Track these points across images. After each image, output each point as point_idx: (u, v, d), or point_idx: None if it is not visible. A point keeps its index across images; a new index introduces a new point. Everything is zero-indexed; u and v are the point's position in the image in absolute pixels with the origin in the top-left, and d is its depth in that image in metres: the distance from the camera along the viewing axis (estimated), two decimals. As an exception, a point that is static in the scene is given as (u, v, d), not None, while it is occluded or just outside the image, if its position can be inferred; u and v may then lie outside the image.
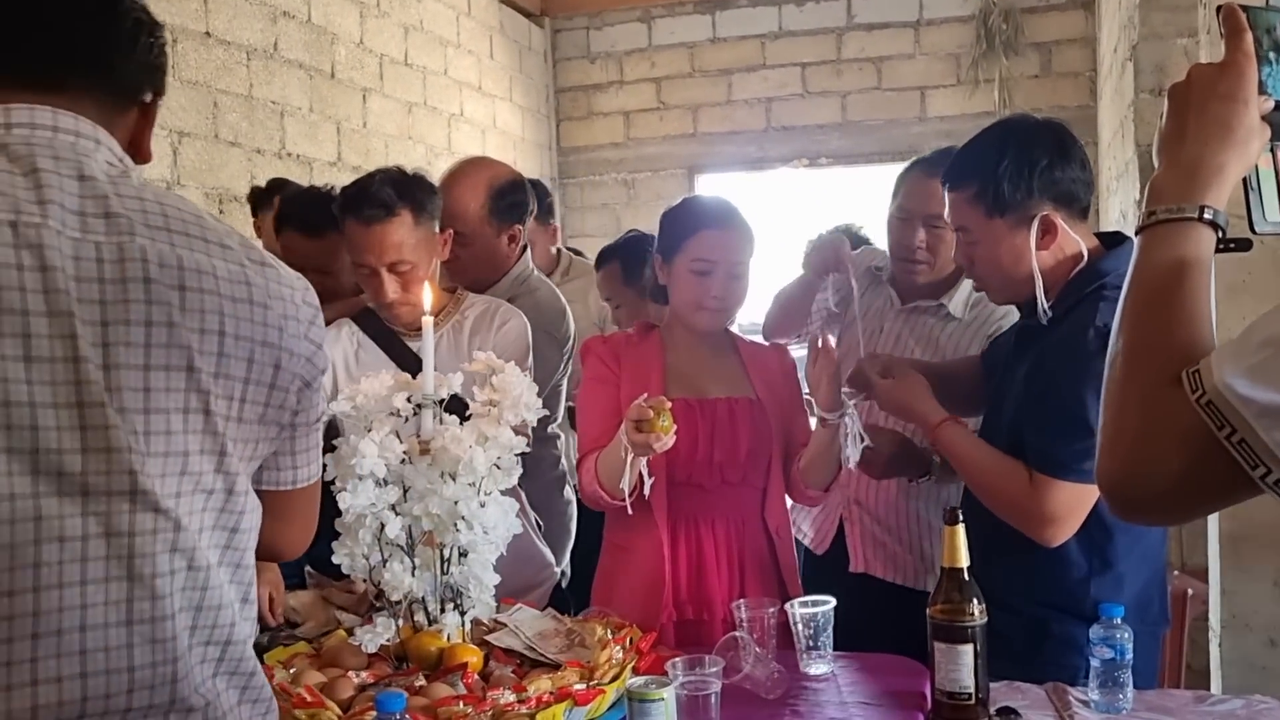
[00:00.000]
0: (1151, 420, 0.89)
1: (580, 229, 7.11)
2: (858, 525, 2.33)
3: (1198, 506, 0.96)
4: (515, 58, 6.69)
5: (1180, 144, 0.99)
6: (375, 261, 2.13)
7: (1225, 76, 0.97)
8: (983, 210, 1.78)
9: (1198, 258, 0.95)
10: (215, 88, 4.13)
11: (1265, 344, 0.82)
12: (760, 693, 1.71)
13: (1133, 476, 0.91)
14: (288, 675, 1.59)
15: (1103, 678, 1.69)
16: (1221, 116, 0.97)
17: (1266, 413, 0.80)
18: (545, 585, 2.27)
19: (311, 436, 1.21)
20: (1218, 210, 0.96)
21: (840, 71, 6.51)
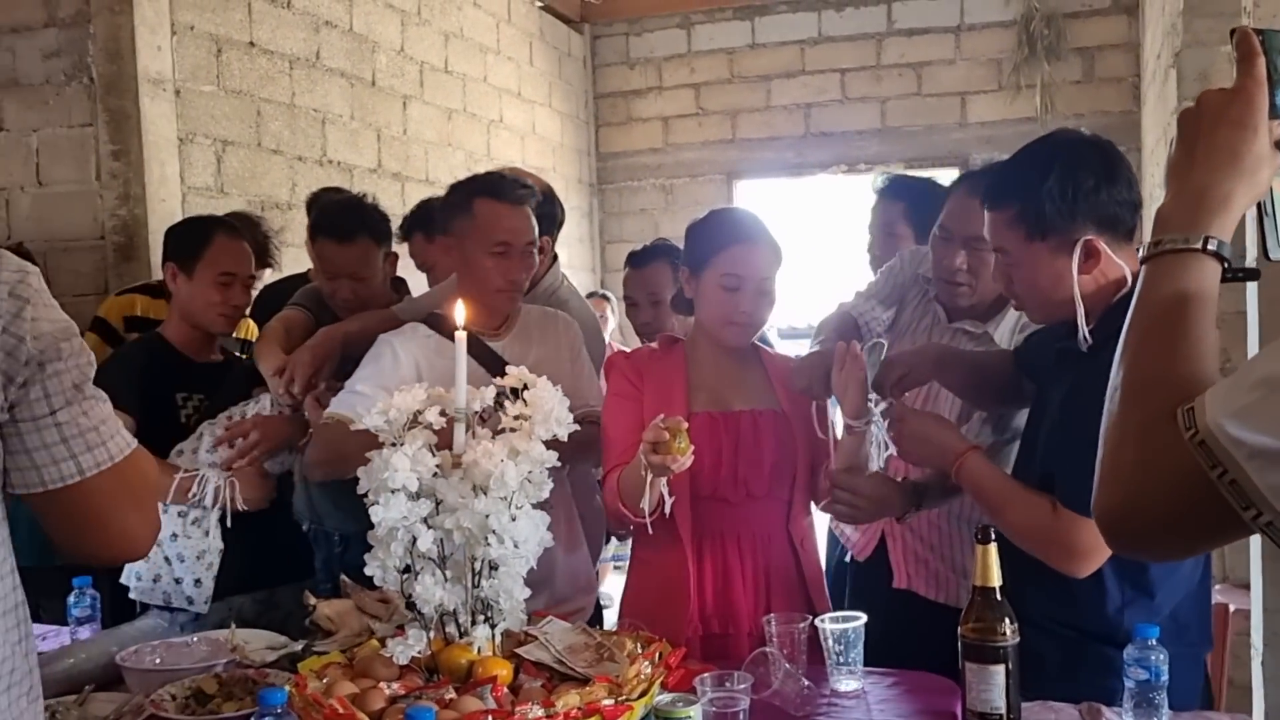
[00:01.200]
0: (1147, 456, 0.88)
1: (618, 234, 7.13)
2: (899, 541, 2.30)
3: (1193, 544, 0.94)
4: (555, 64, 6.72)
5: (1187, 172, 0.97)
6: (515, 240, 2.23)
7: (1235, 103, 0.95)
8: (1023, 233, 1.71)
9: (1201, 289, 0.93)
10: (259, 97, 4.19)
11: (1259, 384, 0.81)
12: (789, 709, 1.70)
13: (1128, 512, 0.90)
14: (320, 685, 1.61)
15: (1137, 699, 1.66)
16: (1229, 144, 0.95)
17: (1257, 455, 0.79)
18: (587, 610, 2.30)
19: (49, 433, 1.12)
20: (1222, 241, 0.95)
21: (880, 77, 6.48)
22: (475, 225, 2.23)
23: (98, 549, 1.24)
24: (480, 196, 2.25)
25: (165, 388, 2.50)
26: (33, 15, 3.68)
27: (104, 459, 1.16)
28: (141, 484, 1.24)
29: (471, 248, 2.24)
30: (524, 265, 2.27)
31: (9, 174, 3.75)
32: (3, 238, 3.66)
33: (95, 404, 1.17)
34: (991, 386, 2.04)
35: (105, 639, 2.08)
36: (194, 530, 2.42)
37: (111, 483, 1.17)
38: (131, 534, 1.23)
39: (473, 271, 2.25)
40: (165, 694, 1.82)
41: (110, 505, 1.19)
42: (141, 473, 1.24)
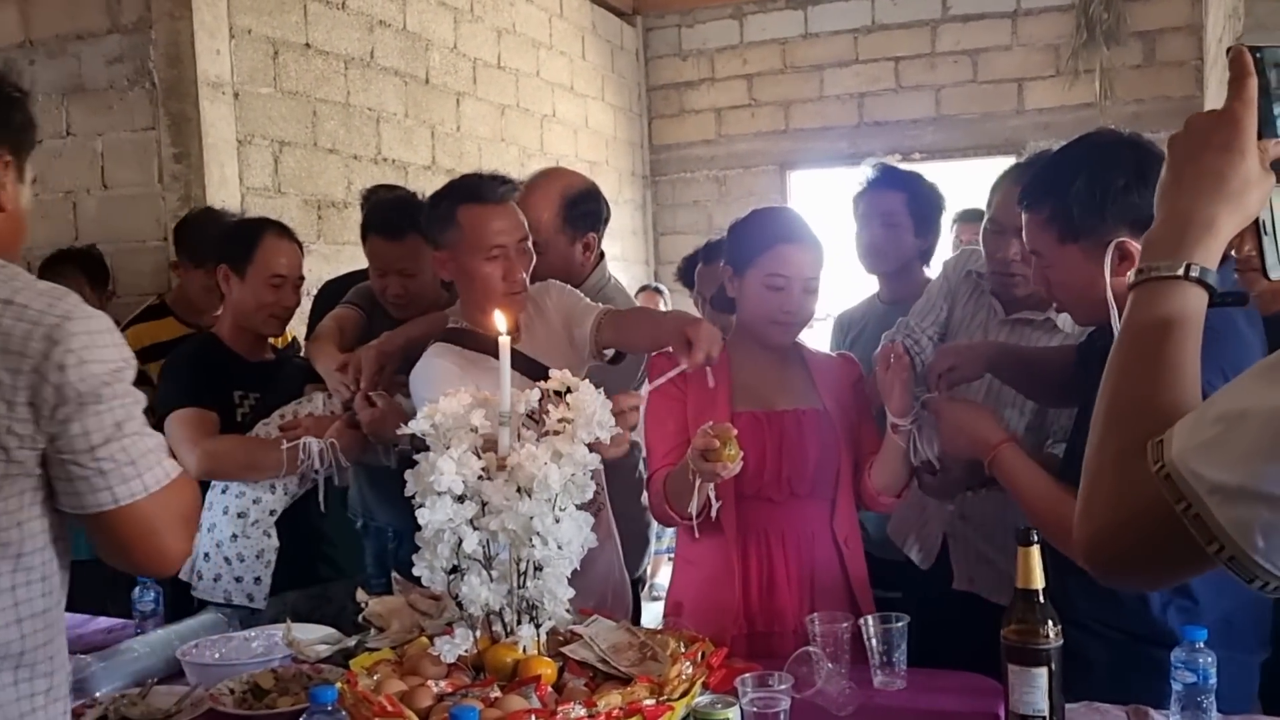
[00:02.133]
0: (1122, 487, 0.87)
1: (671, 226, 7.14)
2: (962, 542, 2.29)
3: (1167, 576, 0.93)
4: (607, 57, 6.74)
5: (1174, 197, 0.96)
6: (508, 240, 2.18)
7: (1220, 127, 0.94)
8: (1055, 235, 1.71)
9: (1184, 317, 0.92)
10: (314, 97, 4.26)
11: (1219, 419, 0.80)
12: (832, 709, 1.71)
13: (1103, 542, 0.90)
14: (371, 683, 1.65)
15: (1185, 702, 1.65)
16: (1215, 168, 0.94)
17: (1217, 490, 0.78)
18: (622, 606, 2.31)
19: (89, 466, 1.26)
20: (1205, 268, 0.93)
21: (934, 65, 6.41)
22: (464, 235, 2.18)
23: (130, 565, 1.38)
24: (463, 204, 2.19)
25: (223, 386, 2.57)
26: (96, 22, 3.78)
27: (139, 490, 1.29)
28: (174, 511, 1.35)
29: (467, 258, 2.18)
30: (523, 263, 2.22)
31: (75, 177, 3.86)
32: (70, 240, 3.77)
33: (138, 440, 1.30)
34: (1053, 383, 2.03)
35: (167, 633, 2.15)
36: (253, 531, 2.49)
37: (145, 511, 1.30)
38: (162, 555, 1.36)
39: (475, 281, 2.20)
40: (223, 688, 1.88)
41: (143, 530, 1.31)
42: (175, 501, 1.35)
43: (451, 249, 2.20)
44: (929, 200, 2.82)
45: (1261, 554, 0.77)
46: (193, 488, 1.42)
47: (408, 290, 2.60)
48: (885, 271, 2.86)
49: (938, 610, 2.01)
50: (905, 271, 2.83)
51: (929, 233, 2.84)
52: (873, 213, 2.81)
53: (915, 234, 2.80)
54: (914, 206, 2.78)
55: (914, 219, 2.79)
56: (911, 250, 2.82)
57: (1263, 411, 0.77)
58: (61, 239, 3.78)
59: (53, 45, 3.84)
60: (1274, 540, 0.76)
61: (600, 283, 2.65)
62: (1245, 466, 0.77)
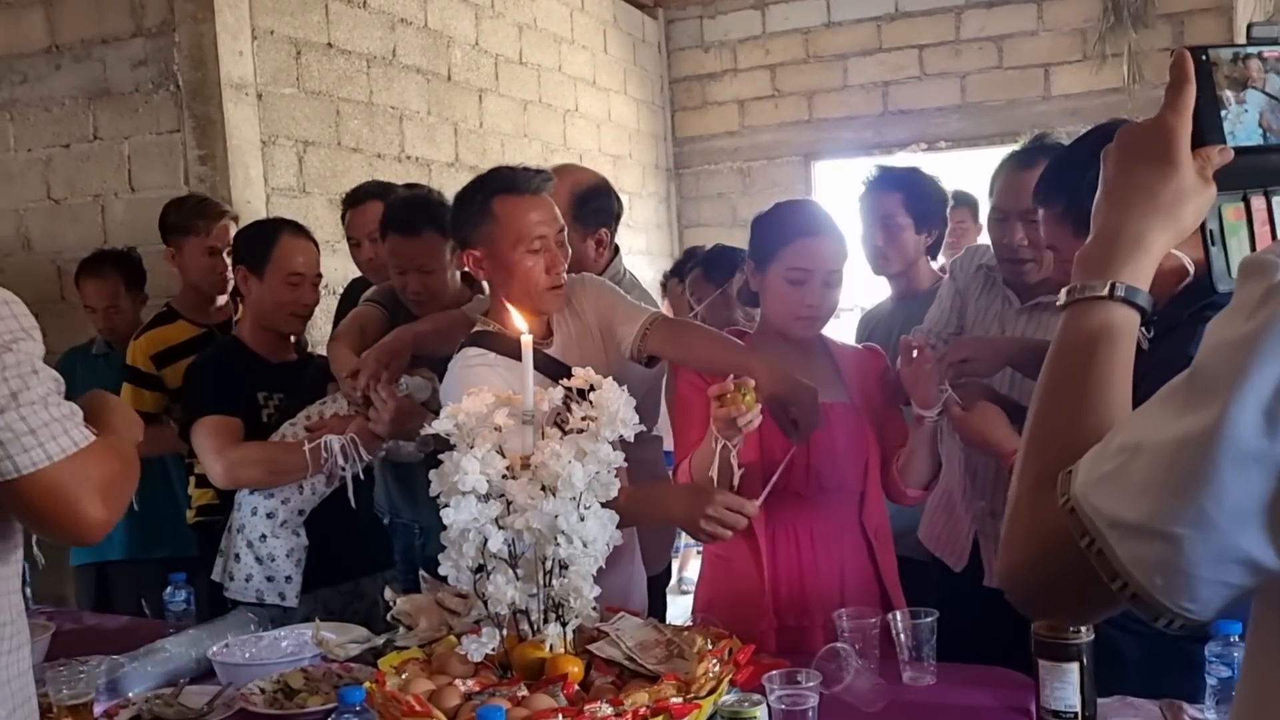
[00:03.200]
0: (1034, 519, 0.83)
1: (696, 218, 7.13)
2: (993, 539, 2.27)
3: (1084, 612, 0.87)
4: (629, 50, 6.73)
5: (1105, 213, 0.92)
6: (549, 232, 2.09)
7: (1150, 138, 0.90)
8: (1070, 229, 1.70)
9: (1110, 338, 0.88)
10: (337, 96, 4.28)
11: (1121, 449, 0.76)
12: (861, 705, 1.71)
13: (1018, 577, 0.85)
14: (399, 681, 1.66)
15: (1219, 695, 1.63)
16: (1143, 182, 0.90)
17: (1116, 525, 0.74)
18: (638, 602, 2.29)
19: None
20: (1132, 286, 0.89)
21: (959, 51, 6.35)
22: (502, 228, 2.06)
23: (49, 534, 1.41)
24: (498, 195, 2.07)
25: (247, 389, 2.58)
26: (121, 26, 3.80)
27: (40, 459, 1.29)
28: (90, 479, 1.33)
29: (507, 252, 2.05)
30: (562, 257, 2.11)
31: (103, 181, 3.90)
32: (99, 242, 3.80)
33: (37, 409, 1.29)
34: None
35: (198, 633, 2.17)
36: (282, 530, 2.51)
37: (52, 479, 1.30)
38: (79, 523, 1.34)
39: (515, 276, 2.07)
40: (254, 687, 1.89)
41: (54, 499, 1.31)
42: (90, 469, 1.34)
43: (487, 245, 2.08)
44: (928, 195, 2.83)
45: (1160, 591, 0.73)
46: (113, 456, 1.41)
47: (427, 287, 2.60)
48: (890, 273, 2.87)
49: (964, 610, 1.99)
50: (912, 269, 2.85)
51: (932, 226, 2.84)
52: (872, 217, 2.82)
53: (917, 230, 2.80)
54: (912, 204, 2.79)
55: (913, 217, 2.79)
56: (915, 248, 2.83)
57: (1155, 444, 0.73)
58: (90, 242, 3.81)
59: (78, 50, 3.87)
60: (1171, 578, 0.72)
61: (615, 277, 2.64)
62: (1142, 501, 0.73)
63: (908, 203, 2.79)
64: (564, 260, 2.12)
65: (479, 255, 2.11)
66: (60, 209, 3.96)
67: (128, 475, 1.46)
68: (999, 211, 2.25)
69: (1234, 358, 0.70)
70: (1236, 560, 0.70)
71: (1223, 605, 0.74)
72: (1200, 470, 0.70)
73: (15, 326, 1.31)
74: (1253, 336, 0.69)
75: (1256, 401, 0.68)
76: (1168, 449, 0.72)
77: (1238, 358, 0.69)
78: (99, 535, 1.38)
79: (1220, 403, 0.69)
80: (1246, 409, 0.68)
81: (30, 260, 4.04)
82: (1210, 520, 0.70)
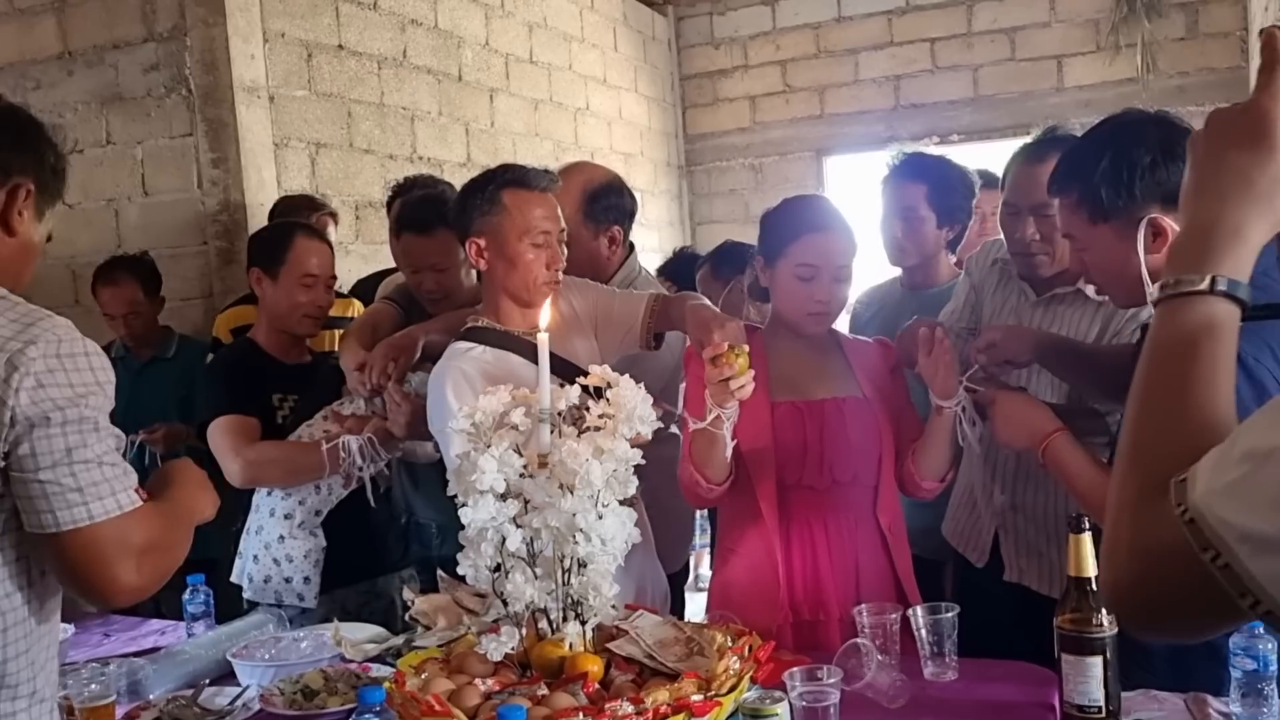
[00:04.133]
0: (1144, 530, 0.77)
1: (708, 215, 7.12)
2: (1013, 534, 2.25)
3: (1202, 628, 0.81)
4: (639, 48, 6.72)
5: (1197, 202, 0.87)
6: (553, 228, 2.16)
7: (1246, 121, 0.85)
8: (1085, 217, 1.69)
9: (1212, 336, 0.82)
10: (349, 98, 4.28)
11: (1246, 456, 0.71)
12: (882, 701, 1.69)
13: (1126, 592, 0.79)
14: (419, 682, 1.65)
15: (1245, 689, 1.62)
16: (1240, 168, 0.84)
17: (1247, 538, 0.69)
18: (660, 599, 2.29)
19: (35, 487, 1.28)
20: (1233, 279, 0.83)
21: (971, 44, 6.33)
22: (509, 218, 2.12)
23: (77, 591, 1.38)
24: (509, 188, 2.14)
25: (262, 390, 2.59)
26: (133, 31, 3.82)
27: (82, 518, 1.30)
28: (128, 544, 1.35)
29: (511, 242, 2.12)
30: (560, 256, 2.17)
31: (117, 185, 3.91)
32: (113, 246, 3.82)
33: (89, 468, 1.31)
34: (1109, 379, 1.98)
35: (217, 634, 2.17)
36: (300, 531, 2.51)
37: (90, 539, 1.31)
38: (109, 586, 1.35)
39: (516, 267, 2.13)
40: (274, 688, 1.89)
41: (88, 558, 1.32)
42: (131, 534, 1.35)
43: (492, 234, 2.14)
44: (954, 188, 2.73)
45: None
46: (161, 525, 1.42)
47: (441, 285, 2.61)
48: (907, 265, 2.81)
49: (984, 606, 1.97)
50: (929, 263, 2.77)
51: (955, 221, 2.75)
52: (893, 207, 2.73)
53: (939, 224, 2.72)
54: (936, 198, 2.70)
55: (936, 210, 2.70)
56: (934, 243, 2.74)
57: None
58: (105, 246, 3.83)
59: (91, 55, 3.88)
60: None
61: (630, 275, 2.63)
62: (1277, 514, 0.68)
63: (931, 195, 2.70)
64: (562, 260, 2.18)
65: (481, 244, 2.16)
66: (74, 213, 3.97)
67: (172, 546, 1.46)
68: (1011, 206, 2.23)
69: None
70: None
71: None
72: None
73: (90, 380, 1.33)
74: None
75: None
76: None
77: None
78: (129, 600, 1.40)
79: None
80: None
81: (44, 265, 4.01)
82: None
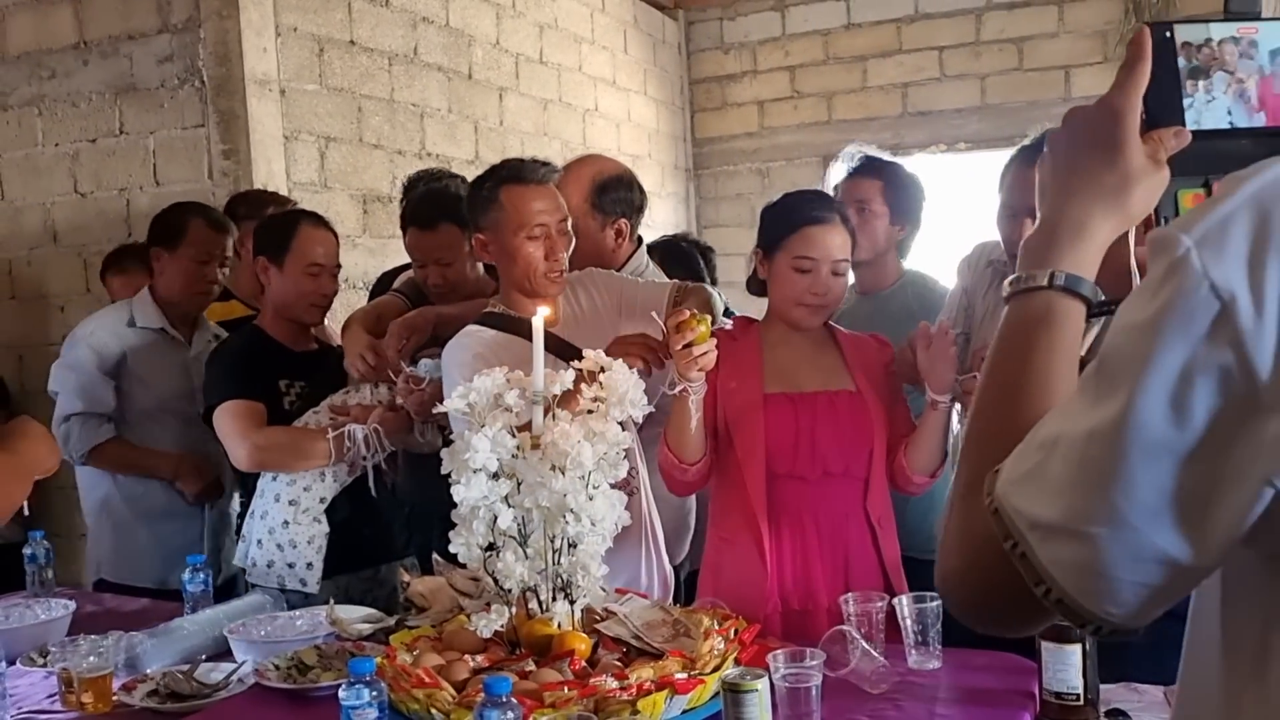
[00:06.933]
0: (965, 522, 0.77)
1: (715, 219, 7.15)
2: None
3: (1021, 622, 0.79)
4: (649, 51, 6.75)
5: (1049, 199, 0.87)
6: (550, 220, 2.21)
7: (1096, 120, 0.84)
8: None
9: (1049, 329, 0.82)
10: (359, 93, 4.32)
11: (1040, 445, 0.71)
12: (866, 687, 1.72)
13: (953, 585, 0.79)
14: (410, 657, 1.69)
15: (1223, 682, 1.64)
16: (1088, 166, 0.84)
17: (1037, 525, 0.69)
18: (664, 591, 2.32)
19: None
20: (1073, 275, 0.83)
21: (979, 53, 6.35)
22: (507, 214, 2.20)
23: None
24: (505, 184, 2.22)
25: (269, 376, 2.62)
26: (147, 22, 3.86)
27: None
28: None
29: (509, 237, 2.20)
30: (563, 245, 2.24)
31: (129, 175, 3.95)
32: (124, 235, 3.86)
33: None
34: None
35: (215, 613, 2.20)
36: (303, 517, 2.54)
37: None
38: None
39: (516, 261, 2.21)
40: (269, 664, 1.93)
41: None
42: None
43: (494, 230, 2.23)
44: (907, 189, 2.81)
45: (1083, 595, 0.68)
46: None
47: (447, 279, 2.65)
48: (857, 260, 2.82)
49: None
50: (879, 261, 2.80)
51: (906, 222, 2.81)
52: (847, 200, 2.77)
53: (891, 221, 2.78)
54: (890, 195, 2.77)
55: (890, 207, 2.77)
56: (886, 239, 2.79)
57: (1070, 439, 0.68)
58: (116, 235, 3.87)
59: (105, 46, 3.93)
60: (1091, 581, 0.67)
61: (637, 269, 2.67)
62: (1058, 500, 0.68)
63: (885, 192, 2.77)
64: (565, 247, 2.24)
65: (485, 239, 2.26)
66: (86, 202, 4.02)
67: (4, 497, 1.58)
68: (1008, 208, 2.25)
69: (1138, 342, 0.65)
70: (1155, 559, 0.66)
71: (1149, 609, 0.69)
72: (1110, 465, 0.65)
73: None
74: (1155, 318, 0.65)
75: (1162, 388, 0.64)
76: (1079, 443, 0.68)
77: (1142, 342, 0.65)
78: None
79: (1126, 391, 0.65)
80: (1152, 397, 0.64)
81: (57, 253, 4.10)
82: (1123, 517, 0.65)
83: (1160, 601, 0.69)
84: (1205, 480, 0.64)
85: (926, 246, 3.08)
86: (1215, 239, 0.64)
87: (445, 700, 1.52)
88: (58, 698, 1.89)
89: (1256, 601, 0.70)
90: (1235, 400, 0.63)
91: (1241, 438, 0.63)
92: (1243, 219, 0.64)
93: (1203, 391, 0.63)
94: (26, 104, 4.07)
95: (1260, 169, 0.66)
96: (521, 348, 2.12)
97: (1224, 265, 0.63)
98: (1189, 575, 0.68)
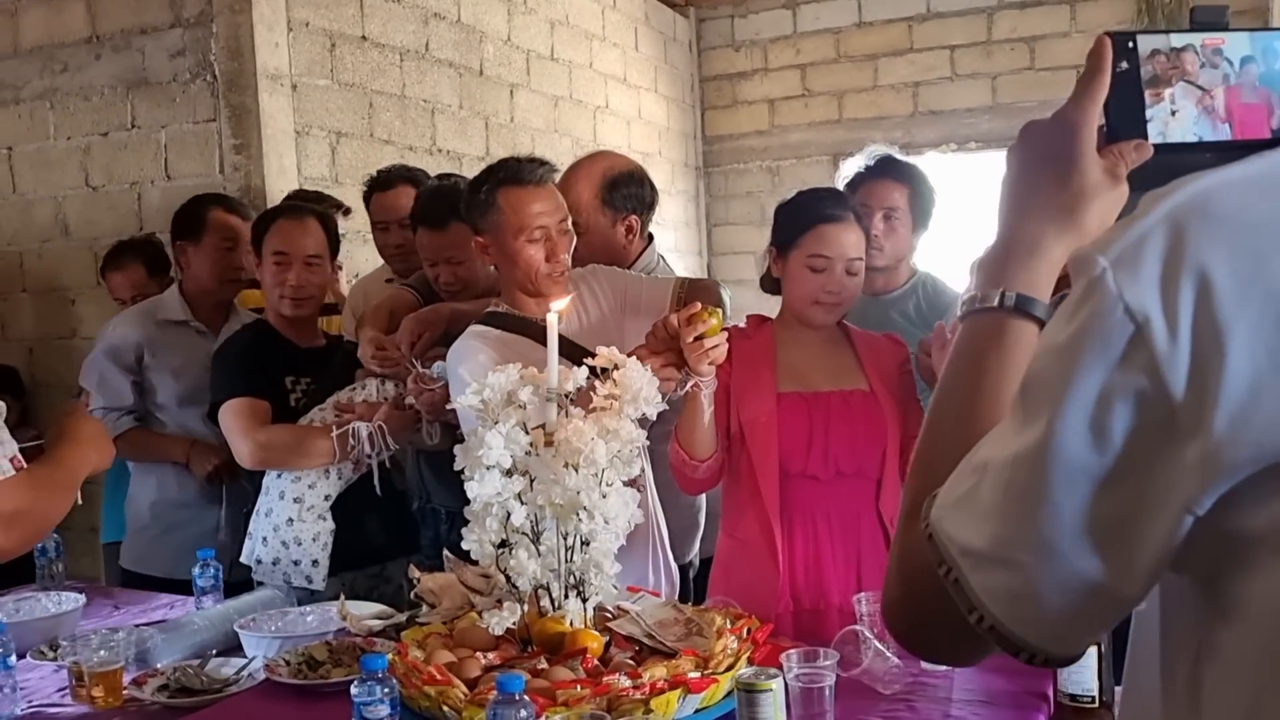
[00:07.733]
0: (905, 548, 0.75)
1: (725, 217, 7.14)
2: None
3: (960, 652, 0.77)
4: (660, 48, 6.75)
5: (1003, 216, 0.84)
6: (548, 221, 2.19)
7: (1052, 134, 0.81)
8: None
9: (999, 352, 0.79)
10: (370, 89, 4.32)
11: (975, 469, 0.69)
12: (878, 687, 1.71)
13: (893, 614, 0.77)
14: (421, 654, 1.68)
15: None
16: (1042, 182, 0.81)
17: (968, 552, 0.68)
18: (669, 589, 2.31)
19: None
20: (1024, 295, 0.79)
21: (991, 53, 6.33)
22: (505, 217, 2.19)
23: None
24: (502, 187, 2.21)
25: (275, 373, 2.62)
26: (159, 16, 3.86)
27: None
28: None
29: (509, 240, 2.19)
30: (564, 244, 2.23)
31: (140, 169, 3.96)
32: (135, 229, 3.87)
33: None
34: None
35: (226, 608, 2.20)
36: (309, 515, 2.53)
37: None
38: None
39: (517, 263, 2.20)
40: (280, 659, 1.92)
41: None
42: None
43: (493, 232, 2.22)
44: (928, 195, 2.78)
45: (1014, 623, 0.67)
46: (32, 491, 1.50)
47: (458, 277, 2.64)
48: (875, 266, 2.78)
49: None
50: (898, 265, 2.77)
51: (924, 227, 2.79)
52: (874, 205, 2.69)
53: (916, 230, 2.75)
54: (914, 200, 2.72)
55: (914, 214, 2.73)
56: (907, 246, 2.76)
57: (997, 463, 0.67)
58: (126, 229, 3.87)
59: (118, 40, 3.93)
60: (1022, 609, 0.66)
61: (650, 265, 2.66)
62: (986, 526, 0.67)
63: (913, 198, 2.73)
64: (567, 247, 2.23)
65: (484, 242, 2.27)
66: (98, 196, 4.03)
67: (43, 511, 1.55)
68: None
69: (1057, 365, 0.64)
70: (1082, 586, 0.64)
71: (1082, 636, 0.69)
72: (1034, 490, 0.64)
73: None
74: (1073, 341, 0.63)
75: (1081, 412, 0.62)
76: (1005, 468, 0.66)
77: (1060, 365, 0.63)
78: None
79: (1047, 416, 0.63)
80: (1071, 421, 0.63)
81: (68, 246, 4.11)
82: (1049, 544, 0.64)
83: (1094, 629, 0.68)
84: (1127, 505, 0.63)
85: (937, 247, 3.07)
86: (1130, 259, 0.62)
87: (457, 698, 1.52)
88: (68, 691, 1.89)
89: (1191, 633, 0.68)
90: (1152, 424, 0.61)
91: (1161, 462, 0.61)
92: (1157, 238, 0.62)
93: (1121, 416, 0.62)
94: (39, 97, 4.08)
95: (1178, 186, 0.65)
96: (526, 347, 2.13)
97: (1138, 286, 0.61)
98: (1119, 602, 0.66)
